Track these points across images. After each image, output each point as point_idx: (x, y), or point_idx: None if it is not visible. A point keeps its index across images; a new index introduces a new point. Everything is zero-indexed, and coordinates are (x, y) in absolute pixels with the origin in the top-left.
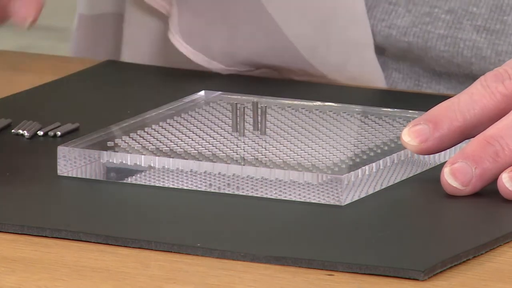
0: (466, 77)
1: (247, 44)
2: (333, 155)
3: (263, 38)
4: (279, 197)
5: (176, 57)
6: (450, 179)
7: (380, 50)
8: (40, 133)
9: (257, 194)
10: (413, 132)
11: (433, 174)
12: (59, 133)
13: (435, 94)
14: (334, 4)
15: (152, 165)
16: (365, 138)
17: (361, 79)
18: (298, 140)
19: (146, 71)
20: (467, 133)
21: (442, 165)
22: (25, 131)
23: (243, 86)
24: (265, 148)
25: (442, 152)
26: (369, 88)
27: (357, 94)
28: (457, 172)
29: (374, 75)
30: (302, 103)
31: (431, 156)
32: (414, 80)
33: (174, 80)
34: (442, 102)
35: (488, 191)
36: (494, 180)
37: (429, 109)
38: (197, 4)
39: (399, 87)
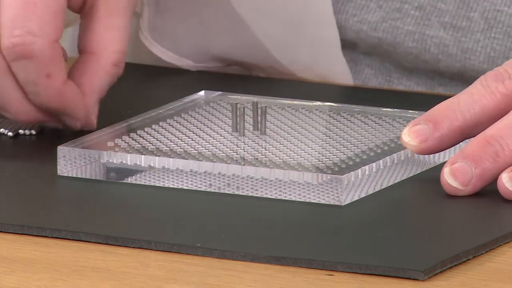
0: (434, 73)
1: (217, 41)
2: (333, 155)
3: (233, 36)
4: (279, 197)
5: (147, 55)
6: (450, 179)
7: (352, 46)
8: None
9: (257, 194)
10: (413, 132)
11: (433, 174)
12: (33, 132)
13: (432, 94)
14: (303, 4)
15: (152, 165)
16: (365, 138)
17: (329, 77)
18: (298, 140)
19: (146, 71)
20: (467, 132)
21: (442, 165)
22: (7, 130)
23: (243, 86)
24: (265, 148)
25: (442, 152)
26: (365, 88)
27: (357, 93)
28: (457, 172)
29: (341, 74)
30: (302, 103)
31: (431, 156)
32: (385, 76)
33: (174, 80)
34: (442, 102)
35: (488, 191)
36: (494, 180)
37: (427, 109)
38: (166, 3)
39: (370, 83)
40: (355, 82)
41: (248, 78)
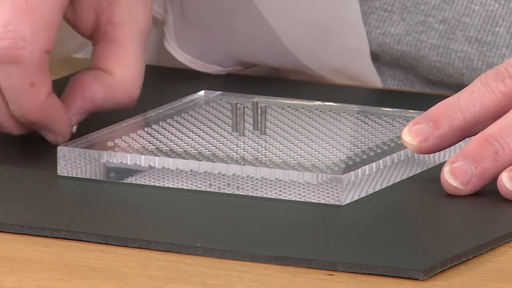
0: (459, 86)
1: (245, 48)
2: (333, 154)
3: (261, 44)
4: (279, 197)
5: (171, 63)
6: (450, 178)
7: (375, 57)
8: None
9: (257, 194)
10: (413, 131)
11: (433, 174)
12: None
13: (432, 93)
14: (331, 11)
15: (152, 165)
16: (365, 138)
17: (360, 81)
18: (298, 140)
19: (146, 71)
20: (468, 131)
21: (442, 164)
22: None
23: (243, 86)
24: (265, 148)
25: (442, 152)
26: (367, 88)
27: (356, 93)
28: (457, 172)
29: (371, 80)
30: (302, 103)
31: (431, 156)
32: (408, 87)
33: (174, 80)
34: (442, 101)
35: (488, 191)
36: (494, 179)
37: (427, 109)
38: (193, 11)
39: None
40: None
41: (248, 78)
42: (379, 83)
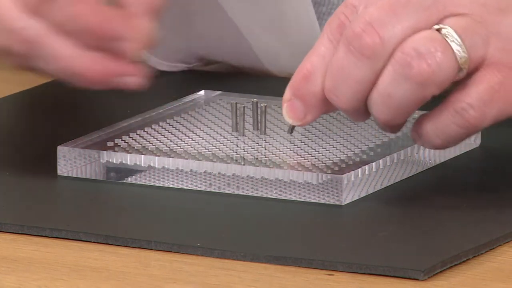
0: None
1: (208, 47)
2: (333, 154)
3: (224, 42)
4: (279, 197)
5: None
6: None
7: None
8: None
9: (257, 194)
10: (289, 112)
11: (433, 174)
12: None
13: None
14: (290, 14)
15: (152, 165)
16: (365, 138)
17: None
18: (298, 140)
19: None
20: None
21: (442, 164)
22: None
23: (243, 86)
24: (265, 147)
25: (443, 152)
26: None
27: None
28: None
29: None
30: None
31: (431, 156)
32: None
33: (174, 80)
34: (299, 68)
35: (488, 191)
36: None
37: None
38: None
39: None
40: None
41: (248, 78)
42: None
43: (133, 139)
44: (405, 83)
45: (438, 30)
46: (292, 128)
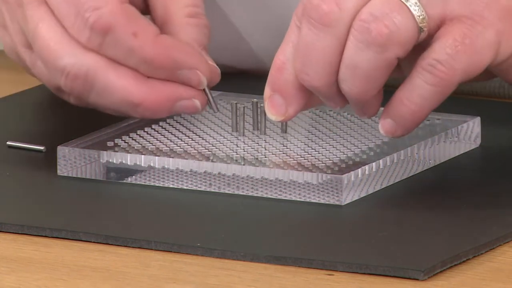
0: None
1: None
2: (333, 154)
3: (228, 46)
4: (279, 197)
5: None
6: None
7: None
8: None
9: (257, 194)
10: (271, 108)
11: (433, 174)
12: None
13: None
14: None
15: (152, 165)
16: (365, 138)
17: None
18: (298, 140)
19: None
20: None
21: (442, 164)
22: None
23: (243, 86)
24: (265, 148)
25: (443, 152)
26: None
27: None
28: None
29: None
30: None
31: (431, 156)
32: None
33: None
34: (274, 62)
35: (488, 191)
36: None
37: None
38: None
39: None
40: None
41: (248, 78)
42: None
43: (133, 139)
44: (367, 50)
45: None
46: (285, 126)
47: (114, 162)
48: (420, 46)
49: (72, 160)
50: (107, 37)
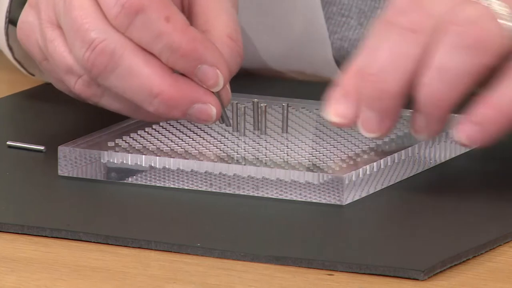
0: None
1: None
2: (334, 154)
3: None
4: (280, 197)
5: None
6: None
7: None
8: None
9: (258, 194)
10: (362, 124)
11: (433, 174)
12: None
13: None
14: (301, 25)
15: (152, 165)
16: (365, 138)
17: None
18: (299, 140)
19: None
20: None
21: (442, 164)
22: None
23: (243, 86)
24: (265, 147)
25: (443, 151)
26: None
27: None
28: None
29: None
30: (302, 103)
31: (431, 156)
32: None
33: None
34: (350, 70)
35: (488, 191)
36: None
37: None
38: None
39: None
40: None
41: (248, 78)
42: None
43: (134, 139)
44: (461, 53)
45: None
46: (285, 126)
47: (115, 162)
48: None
49: (73, 160)
50: (137, 17)
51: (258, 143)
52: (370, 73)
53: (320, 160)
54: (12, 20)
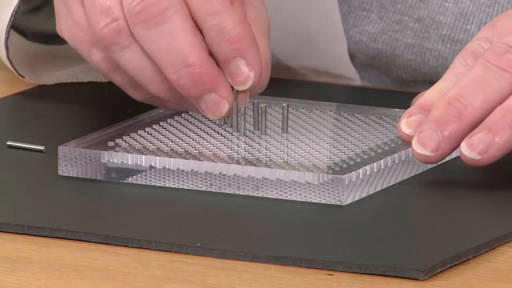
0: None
1: None
2: (334, 155)
3: None
4: (280, 197)
5: None
6: (418, 148)
7: (351, 57)
8: None
9: (258, 194)
10: (421, 140)
11: (433, 174)
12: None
13: (407, 91)
14: (314, 22)
15: (152, 165)
16: (365, 138)
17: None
18: (299, 140)
19: None
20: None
21: (442, 165)
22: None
23: None
24: (265, 148)
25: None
26: (369, 88)
27: (358, 93)
28: (424, 140)
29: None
30: (302, 103)
31: None
32: None
33: None
34: (442, 101)
35: (488, 191)
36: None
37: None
38: None
39: None
40: None
41: None
42: (358, 82)
43: (134, 139)
44: None
45: None
46: (285, 126)
47: (115, 162)
48: None
49: (73, 160)
50: None
51: (258, 143)
52: (459, 94)
53: (320, 160)
54: (15, 26)
